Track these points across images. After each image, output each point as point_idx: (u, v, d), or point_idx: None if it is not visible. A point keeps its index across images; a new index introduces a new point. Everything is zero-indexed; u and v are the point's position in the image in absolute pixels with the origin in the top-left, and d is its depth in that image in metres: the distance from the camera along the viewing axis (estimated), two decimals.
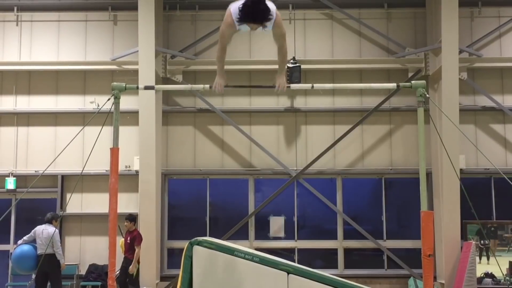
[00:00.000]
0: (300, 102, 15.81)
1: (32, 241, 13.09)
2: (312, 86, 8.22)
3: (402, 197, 15.82)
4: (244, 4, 6.19)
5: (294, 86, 8.17)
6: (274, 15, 6.47)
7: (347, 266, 15.47)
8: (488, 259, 14.31)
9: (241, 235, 15.44)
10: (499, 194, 15.36)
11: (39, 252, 12.81)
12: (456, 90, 14.32)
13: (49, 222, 13.25)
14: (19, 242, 13.16)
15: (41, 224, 13.39)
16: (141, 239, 13.66)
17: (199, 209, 15.72)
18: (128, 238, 13.76)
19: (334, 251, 15.59)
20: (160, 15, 15.46)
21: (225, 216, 15.80)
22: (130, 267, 13.45)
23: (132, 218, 13.94)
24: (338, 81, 15.38)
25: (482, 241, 14.40)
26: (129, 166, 15.34)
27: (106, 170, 14.58)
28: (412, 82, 7.49)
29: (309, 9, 15.99)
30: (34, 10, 16.03)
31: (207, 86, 7.41)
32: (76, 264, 15.15)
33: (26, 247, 12.99)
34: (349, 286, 8.42)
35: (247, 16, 6.23)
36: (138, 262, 13.75)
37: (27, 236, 13.11)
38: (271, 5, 6.45)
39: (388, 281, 15.08)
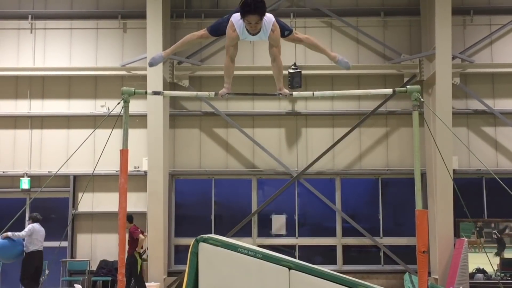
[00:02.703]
0: (301, 106, 15.83)
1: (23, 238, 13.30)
2: (313, 94, 8.23)
3: (398, 197, 15.81)
4: (244, 1, 6.41)
5: (296, 94, 8.15)
6: (270, 23, 6.74)
7: (345, 262, 15.47)
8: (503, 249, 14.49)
9: (245, 232, 15.45)
10: (490, 194, 15.36)
11: (34, 248, 13.06)
12: (449, 94, 14.31)
13: (40, 221, 13.50)
14: (9, 234, 13.16)
15: (52, 222, 13.55)
16: (138, 231, 13.65)
17: (205, 208, 15.72)
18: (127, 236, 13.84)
19: (333, 248, 15.59)
20: (168, 23, 15.48)
21: (229, 214, 15.80)
22: (139, 247, 13.58)
23: (127, 217, 13.98)
24: (337, 86, 15.41)
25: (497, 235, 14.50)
26: (138, 167, 15.36)
27: (116, 171, 14.61)
28: (408, 87, 7.48)
29: (309, 18, 16.01)
30: (48, 19, 16.06)
31: (212, 93, 7.41)
32: (87, 260, 15.16)
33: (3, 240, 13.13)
34: (348, 281, 8.41)
35: (247, 8, 6.40)
36: (141, 258, 13.72)
37: (21, 233, 13.22)
38: (270, 16, 6.74)
39: (385, 276, 15.07)
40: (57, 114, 15.82)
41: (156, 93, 8.82)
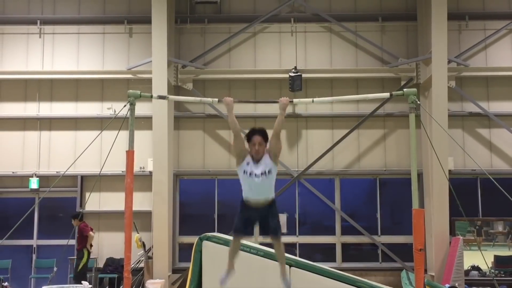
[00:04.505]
0: (301, 108, 15.83)
1: None
2: (313, 101, 8.25)
3: (395, 196, 15.79)
4: (251, 131, 7.16)
5: (296, 100, 8.18)
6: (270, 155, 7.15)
7: (344, 259, 15.47)
8: None
9: None
10: (485, 193, 15.35)
11: None
12: (445, 97, 14.32)
13: None
14: None
15: (60, 221, 13.58)
16: (88, 228, 13.89)
17: (208, 207, 15.73)
18: (76, 233, 13.92)
19: (332, 246, 15.59)
20: (172, 28, 15.49)
21: (232, 213, 15.68)
22: (89, 245, 13.77)
23: (76, 215, 14.03)
24: (336, 89, 15.42)
25: None
26: (144, 167, 15.36)
27: (122, 171, 14.62)
28: (405, 90, 7.50)
29: (309, 23, 16.01)
30: (56, 24, 16.08)
31: (216, 99, 7.42)
32: (94, 258, 15.16)
33: None
34: (346, 278, 8.43)
35: (253, 132, 7.17)
36: (89, 256, 13.85)
37: None
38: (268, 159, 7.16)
39: (382, 274, 15.06)
40: (65, 116, 15.84)
41: (161, 97, 8.84)
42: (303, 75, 15.01)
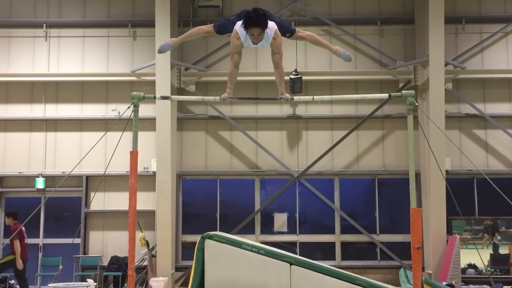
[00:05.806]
0: (302, 110, 15.83)
1: None
2: (313, 98, 8.22)
3: (394, 196, 15.81)
4: (247, 13, 6.49)
5: (296, 98, 8.17)
6: (272, 31, 6.70)
7: (343, 258, 15.47)
8: None
9: (248, 230, 15.45)
10: (481, 193, 15.34)
11: None
12: (442, 99, 14.32)
13: None
14: None
15: (66, 220, 13.58)
16: (19, 234, 12.58)
17: (210, 207, 15.73)
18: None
19: (332, 245, 15.59)
20: (175, 31, 15.47)
21: (234, 212, 15.81)
22: (17, 263, 12.76)
23: (10, 213, 13.25)
24: (336, 91, 15.40)
25: None
26: (147, 168, 15.37)
27: (126, 171, 14.60)
28: (403, 92, 7.50)
29: (309, 26, 15.97)
30: (62, 27, 16.08)
31: (218, 97, 7.39)
32: (99, 256, 15.16)
33: None
34: (346, 276, 8.41)
35: (250, 21, 6.43)
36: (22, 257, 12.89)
37: None
38: (272, 24, 6.71)
39: (381, 271, 15.06)
40: (71, 118, 15.84)
41: (164, 97, 8.85)
42: (304, 78, 14.98)
